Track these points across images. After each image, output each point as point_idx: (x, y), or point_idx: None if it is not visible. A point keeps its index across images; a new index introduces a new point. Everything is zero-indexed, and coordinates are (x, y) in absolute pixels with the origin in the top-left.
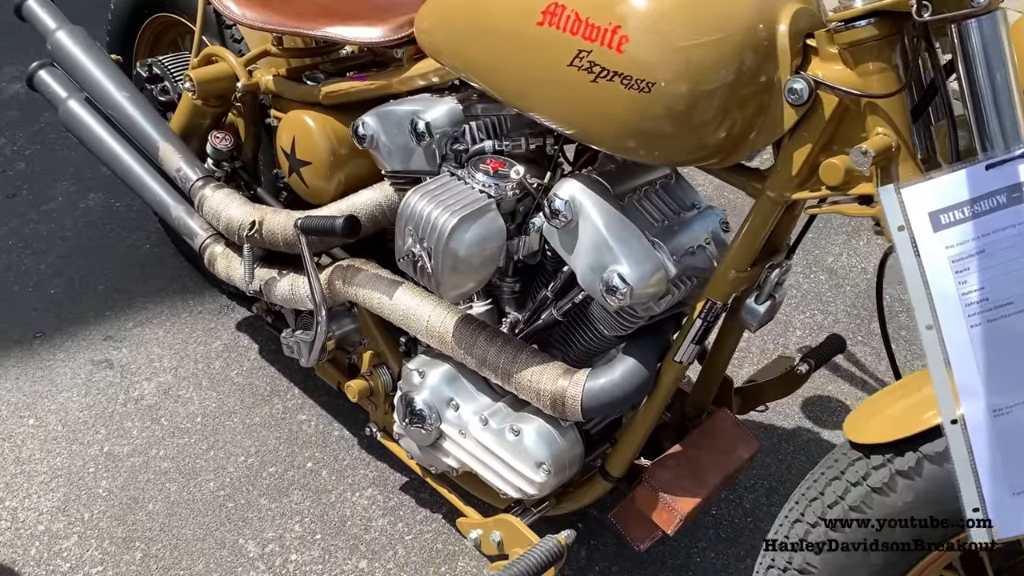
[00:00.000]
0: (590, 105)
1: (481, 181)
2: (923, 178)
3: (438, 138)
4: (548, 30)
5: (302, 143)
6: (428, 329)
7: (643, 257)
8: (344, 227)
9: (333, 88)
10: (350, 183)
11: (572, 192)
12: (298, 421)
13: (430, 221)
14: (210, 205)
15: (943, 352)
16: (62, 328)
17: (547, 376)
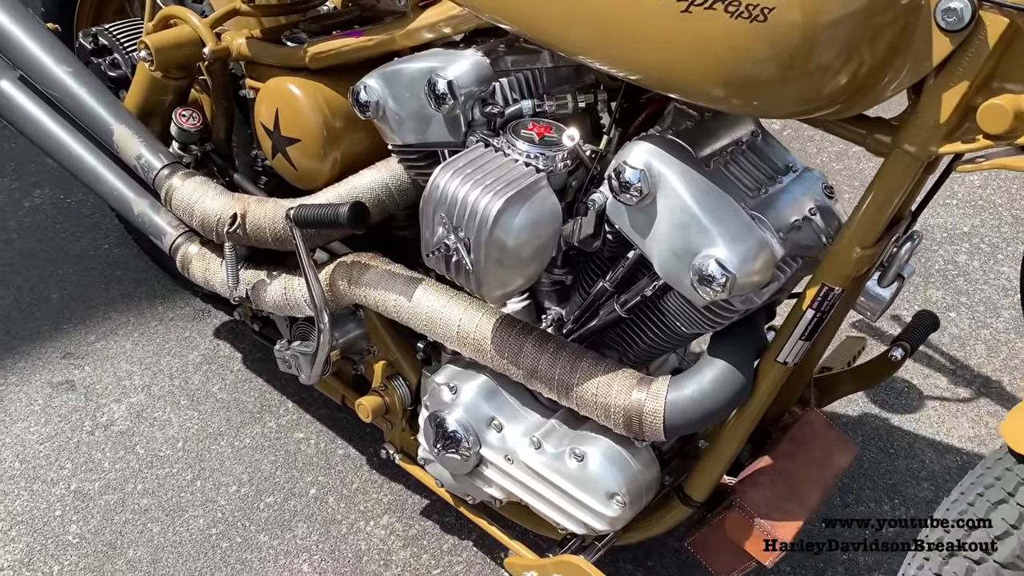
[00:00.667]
0: (679, 42)
1: (525, 151)
2: None
3: (463, 100)
4: None
5: (288, 117)
6: (460, 336)
7: (744, 236)
8: (350, 216)
9: (322, 48)
10: (347, 162)
11: (647, 159)
12: (295, 440)
13: (468, 205)
14: (180, 197)
15: None
16: (13, 347)
17: (617, 388)
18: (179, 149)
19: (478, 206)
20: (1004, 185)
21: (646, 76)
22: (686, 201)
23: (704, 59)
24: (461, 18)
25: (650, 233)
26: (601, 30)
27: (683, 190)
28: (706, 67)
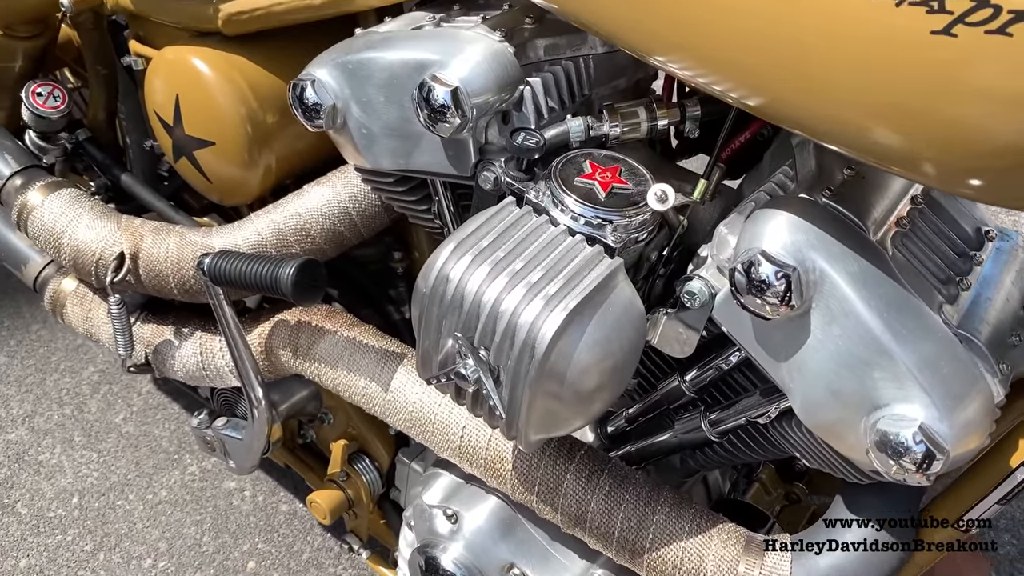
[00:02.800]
0: (913, 77)
1: (585, 216)
2: None
3: (475, 115)
4: None
5: (194, 107)
6: (464, 449)
7: (962, 383)
8: (295, 285)
9: (242, 5)
10: (284, 168)
11: (800, 248)
12: (225, 492)
13: (500, 316)
14: (41, 223)
15: None
16: None
17: (715, 558)
18: (38, 139)
19: (519, 320)
20: None
21: (820, 124)
22: (866, 322)
23: (964, 110)
24: None
25: (793, 358)
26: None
27: (861, 304)
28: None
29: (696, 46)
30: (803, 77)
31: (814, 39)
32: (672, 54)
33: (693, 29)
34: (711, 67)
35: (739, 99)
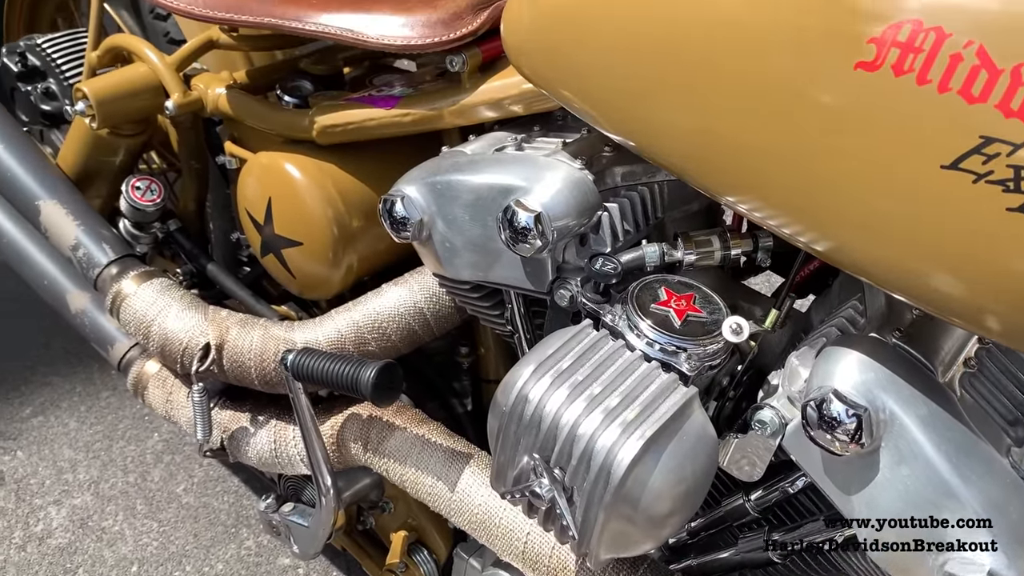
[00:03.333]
0: (986, 250)
1: (660, 343)
2: None
3: (554, 238)
4: (892, 82)
5: (285, 210)
6: (528, 556)
7: None
8: (375, 387)
9: (335, 119)
10: (364, 267)
11: (869, 388)
12: (280, 568)
13: (577, 439)
14: (133, 310)
15: None
16: None
17: None
18: (132, 228)
19: (596, 445)
20: None
21: (896, 281)
22: (935, 465)
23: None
24: (540, 94)
25: (861, 493)
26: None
27: (930, 447)
28: None
29: (763, 193)
30: (876, 234)
31: (891, 205)
32: (740, 196)
33: (759, 177)
34: (778, 212)
35: (808, 244)
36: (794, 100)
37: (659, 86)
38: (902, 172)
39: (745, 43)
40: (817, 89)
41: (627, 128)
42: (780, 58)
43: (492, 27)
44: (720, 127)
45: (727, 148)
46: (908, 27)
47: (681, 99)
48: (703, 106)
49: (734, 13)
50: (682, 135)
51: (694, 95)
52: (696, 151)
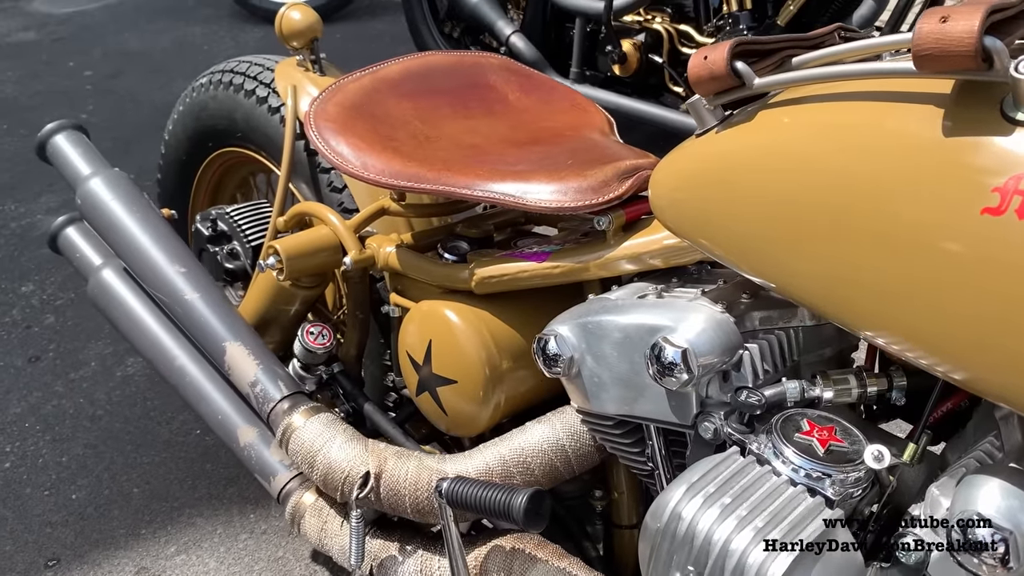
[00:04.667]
0: None
1: (806, 470)
2: None
3: (700, 374)
4: (1016, 223)
5: (444, 351)
6: None
7: None
8: (527, 512)
9: (491, 271)
10: (510, 408)
11: (1013, 511)
12: None
13: (733, 557)
14: (301, 441)
15: None
16: (83, 554)
17: None
18: (300, 370)
19: (747, 561)
20: None
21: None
22: None
23: None
24: (680, 249)
25: None
26: (966, 330)
27: None
28: None
29: (902, 330)
30: (1010, 355)
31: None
32: (878, 332)
33: (897, 315)
34: (916, 346)
35: (945, 373)
36: (930, 250)
37: (798, 237)
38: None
39: (870, 195)
40: (944, 231)
41: (769, 272)
42: (906, 207)
43: (635, 192)
44: (856, 273)
45: (865, 291)
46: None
47: (818, 249)
48: (838, 254)
49: (859, 168)
50: (820, 279)
51: (829, 244)
52: (835, 294)
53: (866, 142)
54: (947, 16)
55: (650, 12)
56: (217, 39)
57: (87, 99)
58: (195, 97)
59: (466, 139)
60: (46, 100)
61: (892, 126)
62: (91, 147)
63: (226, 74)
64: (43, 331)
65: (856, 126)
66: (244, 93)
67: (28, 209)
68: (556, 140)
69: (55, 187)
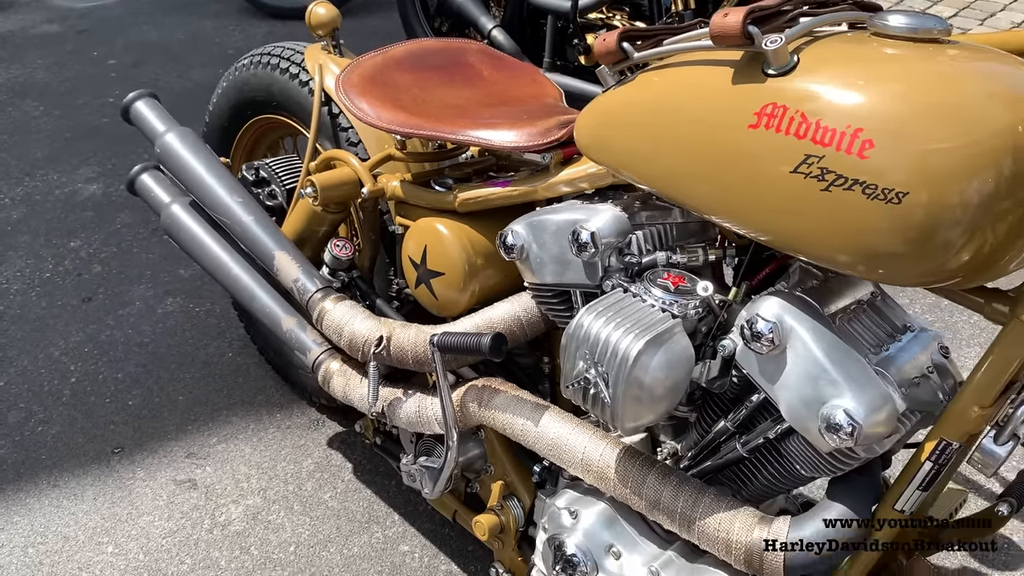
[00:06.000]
0: (815, 215)
1: (660, 298)
2: None
3: (602, 249)
4: (765, 134)
5: (435, 252)
6: (584, 463)
7: (869, 390)
8: (492, 346)
9: (470, 195)
10: (483, 295)
11: (779, 312)
12: (401, 553)
13: (611, 344)
14: (332, 319)
15: None
16: (142, 443)
17: (739, 525)
18: (329, 274)
19: (619, 346)
20: None
21: (778, 239)
22: (816, 354)
23: (837, 231)
24: (598, 176)
25: (779, 381)
26: (747, 199)
27: (813, 344)
28: (838, 238)
29: (715, 203)
30: (768, 213)
31: (769, 199)
32: (707, 209)
33: (713, 192)
34: (723, 215)
35: (745, 232)
36: (722, 150)
37: (663, 153)
38: (770, 174)
39: (696, 121)
40: (728, 139)
41: (650, 179)
42: (712, 126)
43: (568, 138)
44: (692, 172)
45: (696, 182)
46: (770, 107)
47: (674, 159)
48: (684, 161)
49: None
50: (676, 178)
51: (680, 155)
52: (683, 187)
53: (694, 88)
54: (727, 12)
55: (611, 10)
56: (227, 32)
57: (113, 85)
58: (237, 75)
59: (451, 101)
60: (75, 86)
61: (707, 78)
62: (164, 109)
63: (264, 56)
64: (92, 278)
65: (689, 79)
66: (279, 71)
67: (69, 179)
68: (518, 104)
69: (91, 160)
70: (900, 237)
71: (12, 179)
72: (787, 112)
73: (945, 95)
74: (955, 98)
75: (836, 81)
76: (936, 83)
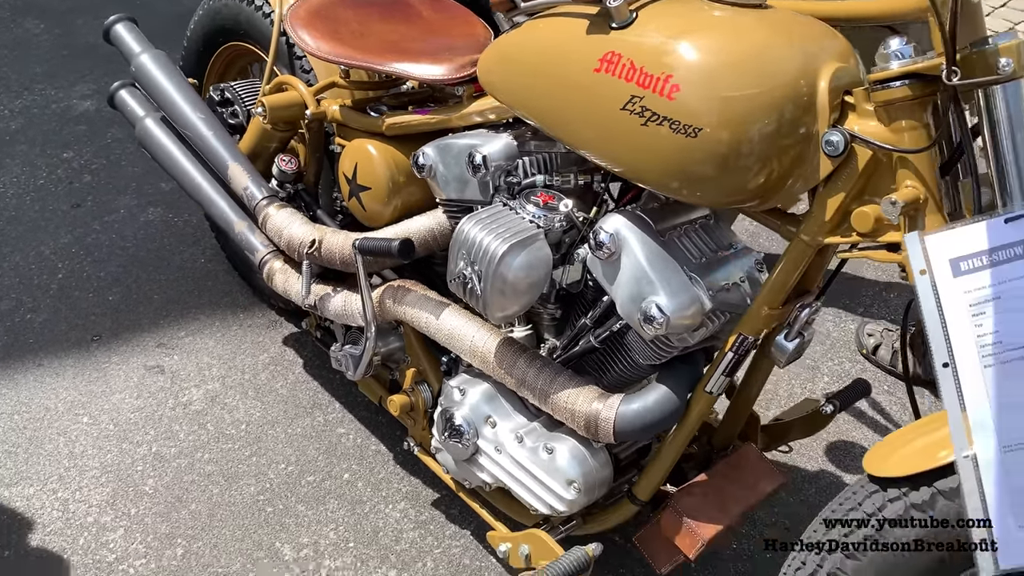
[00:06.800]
0: (639, 146)
1: (531, 212)
2: (945, 227)
3: (493, 170)
4: (604, 77)
5: (364, 169)
6: (471, 349)
7: (680, 290)
8: (400, 249)
9: (395, 120)
10: (405, 209)
11: (616, 226)
12: (338, 434)
13: (482, 246)
14: (274, 223)
15: (958, 390)
16: (118, 333)
17: (582, 398)
18: (277, 185)
19: (489, 248)
20: None
21: (616, 166)
22: (640, 260)
23: (654, 160)
24: (502, 108)
25: (615, 281)
26: (592, 132)
27: (639, 251)
28: (655, 165)
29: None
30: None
31: (605, 129)
32: (575, 144)
33: (575, 127)
34: (583, 148)
35: (600, 161)
36: (575, 90)
37: (541, 89)
38: (607, 112)
39: (563, 62)
40: (580, 81)
41: (535, 114)
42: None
43: None
44: (562, 108)
45: (562, 117)
46: (609, 55)
47: (552, 96)
48: (557, 98)
49: (562, 70)
50: (553, 113)
51: (554, 92)
52: (557, 122)
53: (560, 36)
54: None
55: None
56: None
57: (110, 7)
58: (211, 4)
59: (387, 36)
60: (75, 6)
61: (570, 28)
62: (140, 32)
63: None
64: (82, 186)
65: (558, 28)
66: (246, 2)
67: (65, 94)
68: (447, 41)
69: (86, 78)
70: (698, 165)
71: (12, 92)
72: (621, 59)
73: (745, 51)
74: (753, 54)
75: (660, 35)
76: (740, 41)
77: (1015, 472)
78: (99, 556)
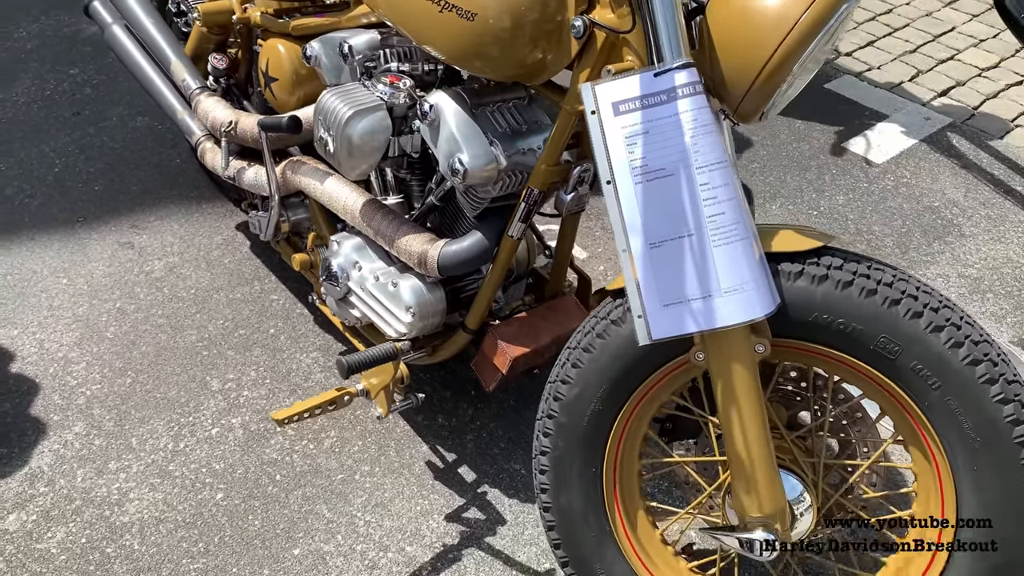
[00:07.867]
0: (439, 30)
1: (380, 89)
2: (609, 78)
3: (358, 58)
4: None
5: (273, 64)
6: (344, 207)
7: (480, 149)
8: (288, 124)
9: (299, 23)
10: (307, 99)
11: (436, 100)
12: (271, 299)
13: (335, 112)
14: (202, 108)
15: (617, 201)
16: (99, 216)
17: (417, 241)
18: (213, 80)
19: (338, 113)
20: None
21: (432, 49)
22: (451, 126)
23: (449, 40)
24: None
25: (436, 144)
26: (413, 22)
27: (451, 119)
28: (450, 44)
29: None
30: (419, 31)
31: (424, 23)
32: (419, 41)
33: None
34: (417, 38)
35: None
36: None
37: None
38: (419, 4)
39: None
40: None
41: (378, 8)
42: None
43: None
44: (396, 2)
45: (394, 10)
46: None
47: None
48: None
49: None
50: (390, 10)
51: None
52: (390, 13)
53: None
54: None
55: None
56: None
57: None
58: None
59: None
60: None
61: None
62: None
63: None
64: (83, 98)
65: None
66: None
67: (77, 20)
68: None
69: None
70: (477, 43)
71: (31, 17)
72: None
73: None
74: None
75: None
76: None
77: (658, 261)
78: (64, 381)
